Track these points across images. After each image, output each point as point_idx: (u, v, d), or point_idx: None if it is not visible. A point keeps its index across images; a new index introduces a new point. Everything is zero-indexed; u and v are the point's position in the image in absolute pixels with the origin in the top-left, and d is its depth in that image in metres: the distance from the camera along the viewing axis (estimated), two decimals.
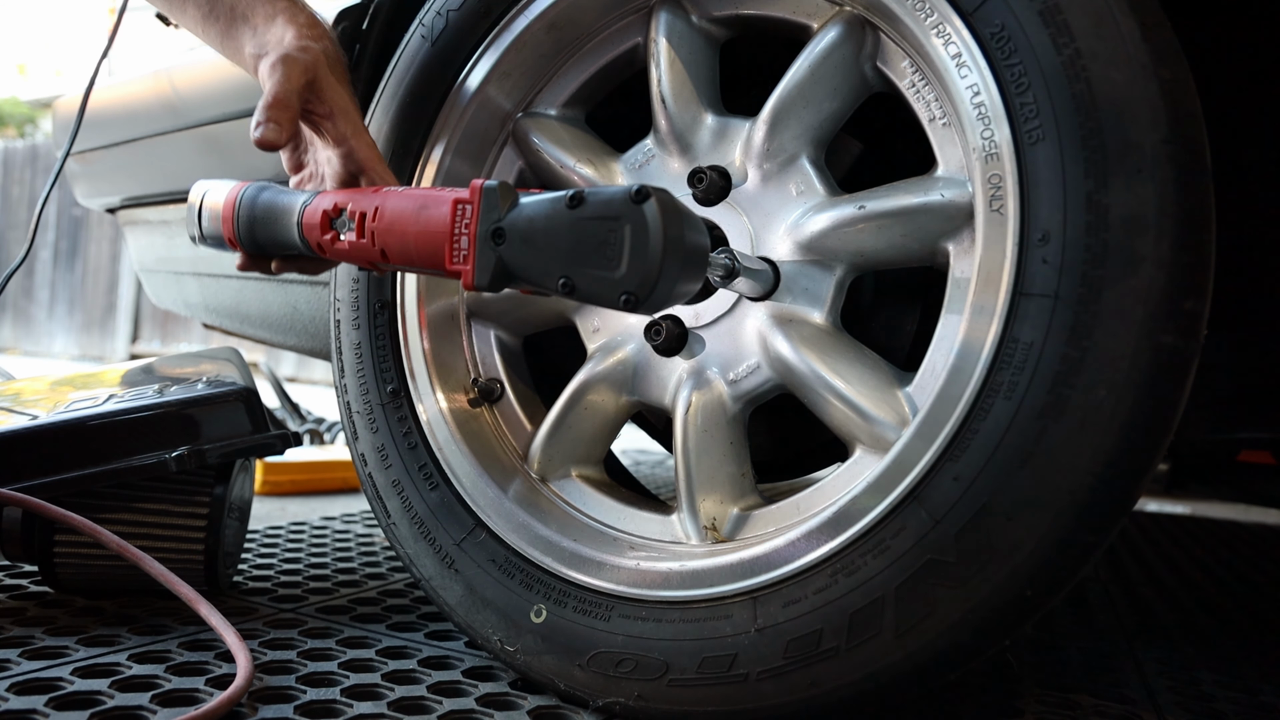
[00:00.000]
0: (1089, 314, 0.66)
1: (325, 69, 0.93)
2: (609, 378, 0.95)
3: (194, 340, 8.03)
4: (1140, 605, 1.44)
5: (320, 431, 2.65)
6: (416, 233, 0.79)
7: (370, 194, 0.86)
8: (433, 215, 0.78)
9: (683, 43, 0.94)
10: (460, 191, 0.78)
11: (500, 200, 0.75)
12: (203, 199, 0.98)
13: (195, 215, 0.98)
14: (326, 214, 0.87)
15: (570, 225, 0.70)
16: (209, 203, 0.97)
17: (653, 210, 0.67)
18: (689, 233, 0.69)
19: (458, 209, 0.76)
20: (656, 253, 0.67)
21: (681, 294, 0.70)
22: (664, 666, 0.79)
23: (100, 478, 1.00)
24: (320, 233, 0.88)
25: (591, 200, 0.70)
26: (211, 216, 0.97)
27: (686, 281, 0.70)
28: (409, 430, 1.00)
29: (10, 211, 9.54)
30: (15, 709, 0.75)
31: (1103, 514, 0.66)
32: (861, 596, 0.72)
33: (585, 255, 0.70)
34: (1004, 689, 0.98)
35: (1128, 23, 0.67)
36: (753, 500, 0.89)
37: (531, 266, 0.73)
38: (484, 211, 0.75)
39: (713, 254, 0.80)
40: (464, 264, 0.76)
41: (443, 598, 0.94)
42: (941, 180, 0.79)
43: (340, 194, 0.88)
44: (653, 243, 0.67)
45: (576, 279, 0.70)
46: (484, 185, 0.76)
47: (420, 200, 0.80)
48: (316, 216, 0.88)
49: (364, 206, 0.84)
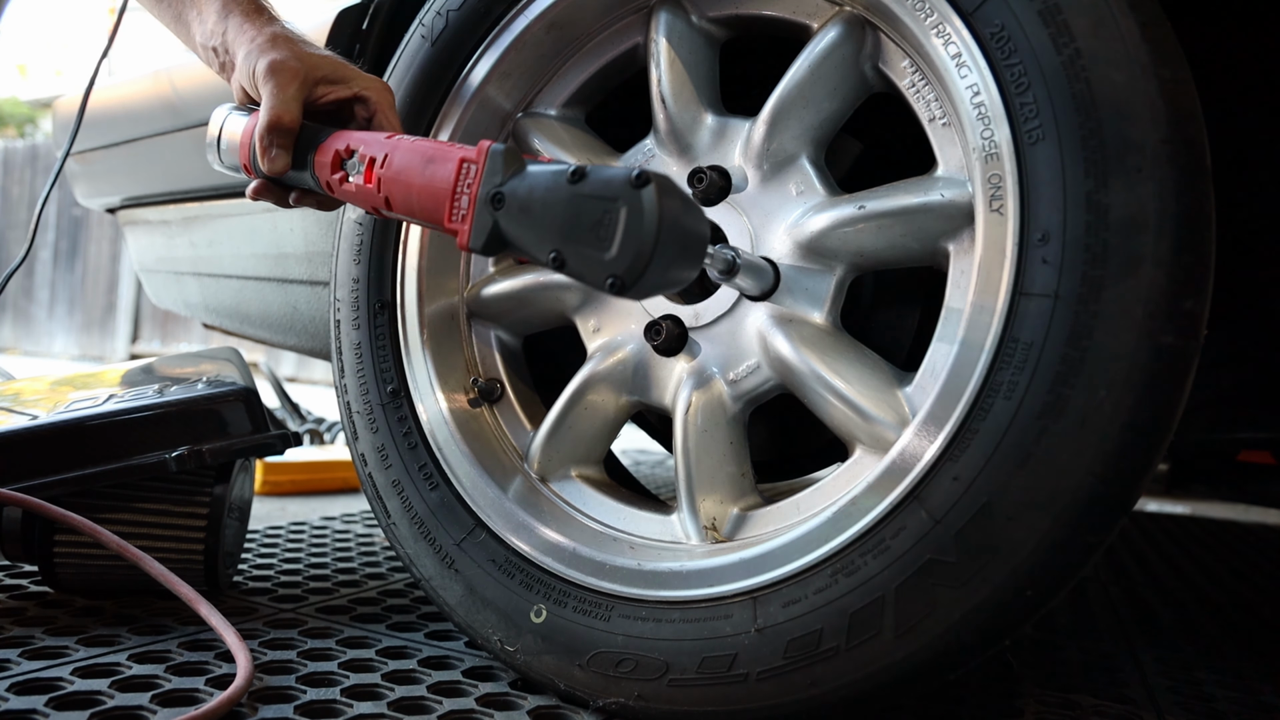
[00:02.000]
0: (1089, 314, 0.66)
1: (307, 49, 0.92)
2: (609, 378, 0.95)
3: (194, 340, 8.03)
4: (1140, 605, 1.44)
5: (320, 431, 2.65)
6: (421, 185, 0.79)
7: (383, 140, 0.85)
8: (438, 171, 0.78)
9: (683, 43, 0.94)
10: (468, 150, 0.77)
11: (505, 165, 0.75)
12: (223, 125, 0.98)
13: (215, 141, 0.99)
14: (338, 154, 0.87)
15: (568, 199, 0.70)
16: (228, 130, 0.98)
17: (650, 196, 0.66)
18: (687, 221, 0.68)
19: (463, 168, 0.77)
20: (649, 240, 0.66)
21: (673, 283, 0.70)
22: (664, 666, 0.79)
23: (100, 478, 1.00)
24: (330, 171, 0.88)
25: (593, 177, 0.69)
26: (230, 143, 0.97)
27: (679, 270, 0.69)
28: (409, 430, 1.00)
29: (10, 211, 9.54)
30: (15, 709, 0.75)
31: (1103, 514, 0.66)
32: (861, 596, 0.72)
33: (579, 232, 0.69)
34: (1004, 689, 0.98)
35: (1128, 23, 0.67)
36: (753, 500, 0.89)
37: (526, 235, 0.73)
38: (487, 174, 0.75)
39: (714, 248, 0.80)
40: (461, 224, 0.76)
41: (443, 598, 0.94)
42: (941, 180, 0.79)
43: (355, 135, 0.88)
44: (646, 229, 0.66)
45: (567, 254, 0.70)
46: (490, 148, 0.76)
47: (429, 154, 0.80)
48: (329, 155, 0.88)
49: (374, 151, 0.84)
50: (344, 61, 0.94)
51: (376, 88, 0.94)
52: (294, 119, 0.90)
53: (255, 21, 0.95)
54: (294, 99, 0.90)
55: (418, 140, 0.83)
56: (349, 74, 0.93)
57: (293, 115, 0.90)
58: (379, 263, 1.05)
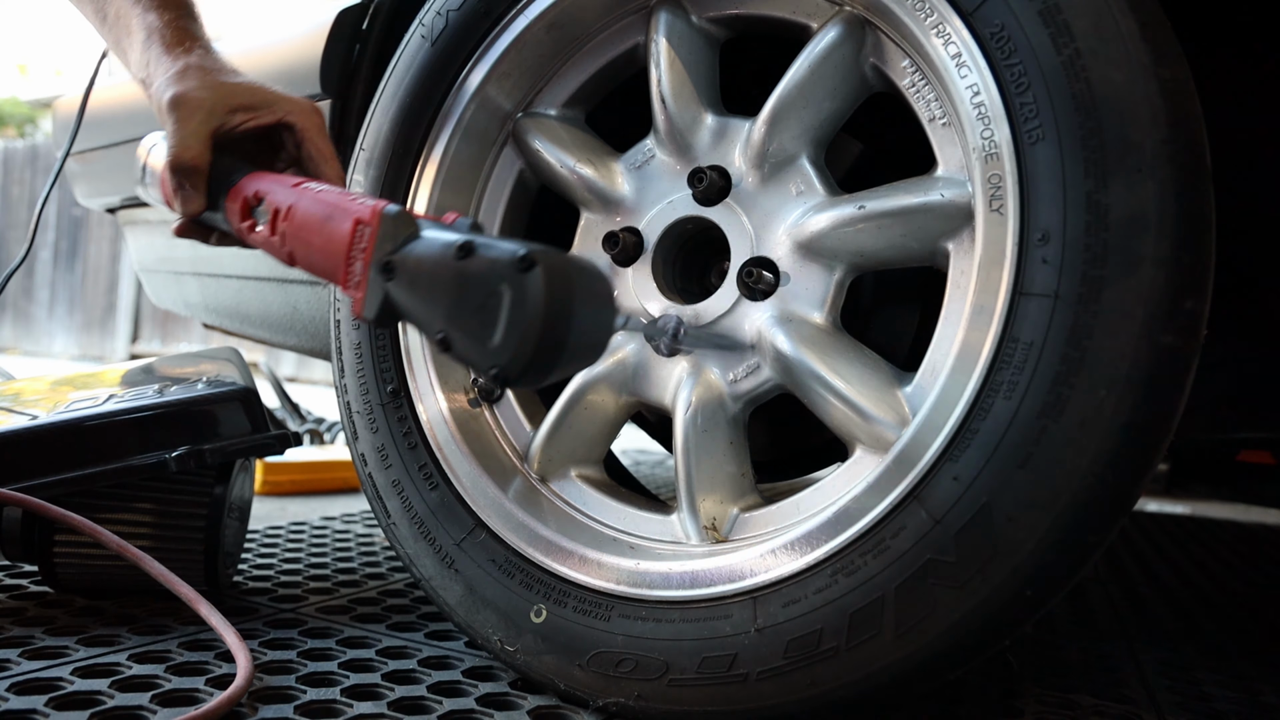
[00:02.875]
0: (1089, 314, 0.66)
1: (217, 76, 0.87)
2: (609, 377, 0.95)
3: (194, 340, 8.03)
4: (1140, 605, 1.44)
5: (320, 431, 2.65)
6: (320, 244, 0.75)
7: (289, 188, 0.81)
8: (335, 230, 0.73)
9: (683, 43, 0.94)
10: (365, 209, 0.72)
11: (397, 230, 0.69)
12: (148, 156, 0.95)
13: (141, 173, 0.96)
14: (247, 200, 0.83)
15: (454, 277, 0.64)
16: (152, 161, 0.94)
17: (536, 282, 0.59)
18: (581, 307, 0.61)
19: (357, 230, 0.71)
20: (533, 331, 0.60)
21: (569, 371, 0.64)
22: (664, 666, 0.79)
23: (100, 478, 1.00)
24: (240, 218, 0.84)
25: (479, 255, 0.63)
26: (153, 174, 0.94)
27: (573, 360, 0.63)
28: (409, 430, 1.00)
29: (10, 211, 9.53)
30: (15, 709, 0.75)
31: (1103, 514, 0.66)
32: (861, 596, 0.72)
33: (465, 313, 0.63)
34: (1004, 689, 0.98)
35: (1128, 23, 0.67)
36: (753, 500, 0.89)
37: (416, 310, 0.68)
38: (380, 238, 0.70)
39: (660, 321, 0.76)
40: (356, 290, 0.71)
41: (443, 598, 0.94)
42: (941, 180, 0.79)
43: (265, 181, 0.84)
44: (530, 318, 0.59)
45: (453, 336, 0.65)
46: (383, 211, 0.70)
47: (329, 209, 0.75)
48: (239, 200, 0.84)
49: (280, 201, 0.80)
50: (264, 87, 0.90)
51: (302, 112, 0.90)
52: (196, 156, 0.85)
53: (173, 52, 0.90)
54: (195, 134, 0.85)
55: (322, 191, 0.79)
56: (270, 99, 0.89)
57: (195, 152, 0.85)
58: None
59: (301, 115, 0.89)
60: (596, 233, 0.98)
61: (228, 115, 0.86)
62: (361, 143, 1.07)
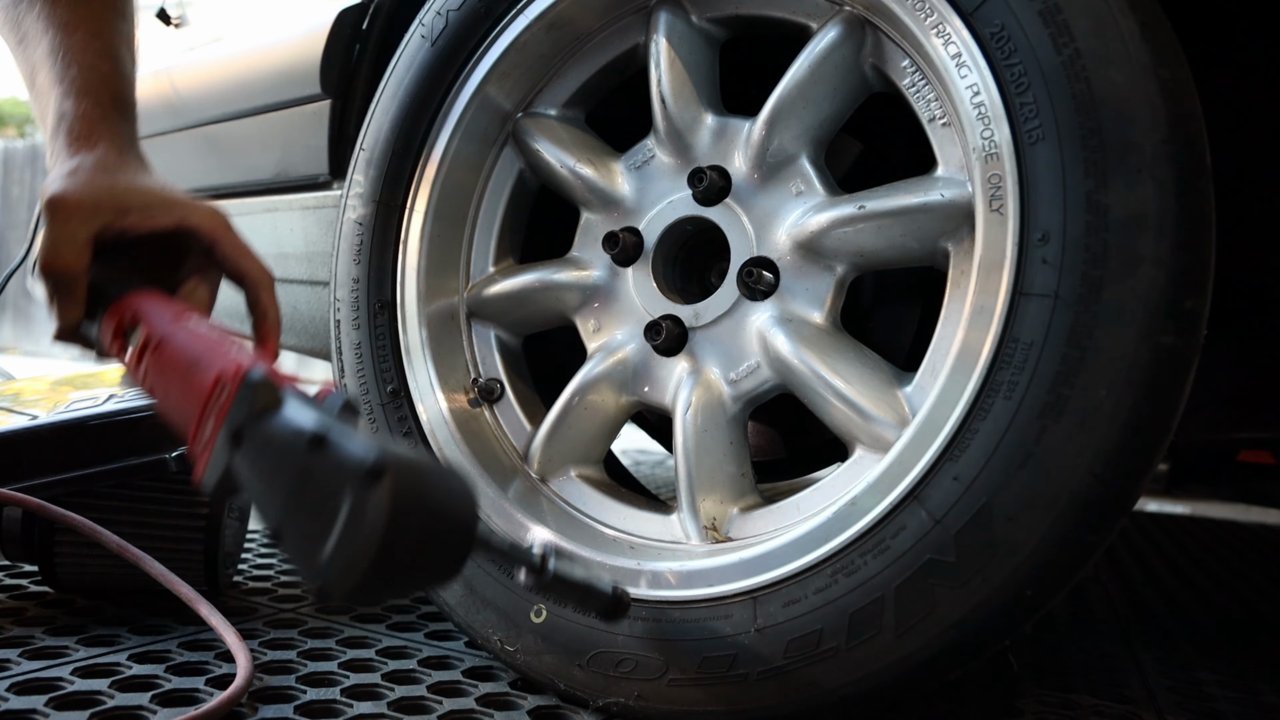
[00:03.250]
0: (1089, 314, 0.66)
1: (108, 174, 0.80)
2: (609, 377, 0.95)
3: None
4: (1140, 605, 1.44)
5: None
6: (178, 392, 0.68)
7: (166, 320, 0.73)
8: (196, 381, 0.66)
9: (682, 43, 0.94)
10: (228, 365, 0.64)
11: (256, 398, 0.61)
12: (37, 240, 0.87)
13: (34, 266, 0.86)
14: (121, 322, 0.75)
15: (300, 470, 0.57)
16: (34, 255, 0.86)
17: (379, 501, 0.52)
18: (429, 532, 0.54)
19: (217, 387, 0.64)
20: (363, 556, 0.52)
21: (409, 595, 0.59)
22: (664, 666, 0.79)
23: (100, 478, 1.00)
24: (112, 337, 0.76)
25: (330, 453, 0.56)
26: None
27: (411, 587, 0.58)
28: (409, 430, 1.00)
29: (10, 211, 9.54)
30: (15, 709, 0.75)
31: (1103, 514, 0.66)
32: (861, 596, 0.72)
33: (303, 511, 0.57)
34: (1004, 689, 0.98)
35: (1127, 23, 0.67)
36: (753, 500, 0.89)
37: (256, 490, 0.61)
38: (235, 404, 0.62)
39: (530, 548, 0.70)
40: (201, 451, 0.64)
41: (443, 598, 0.94)
42: (941, 180, 0.79)
43: (148, 302, 0.76)
44: (363, 540, 0.52)
45: (285, 533, 0.58)
46: (246, 374, 0.62)
47: (195, 356, 0.68)
48: (115, 319, 0.76)
49: (152, 331, 0.73)
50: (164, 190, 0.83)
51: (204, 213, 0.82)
52: (68, 264, 0.77)
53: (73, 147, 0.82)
54: (69, 239, 0.77)
55: (197, 332, 0.71)
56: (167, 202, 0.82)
57: (66, 260, 0.77)
58: (379, 263, 1.05)
59: (204, 217, 0.82)
60: (596, 233, 0.98)
61: (115, 217, 0.79)
62: (361, 143, 1.07)
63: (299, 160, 1.33)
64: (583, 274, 0.99)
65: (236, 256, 0.85)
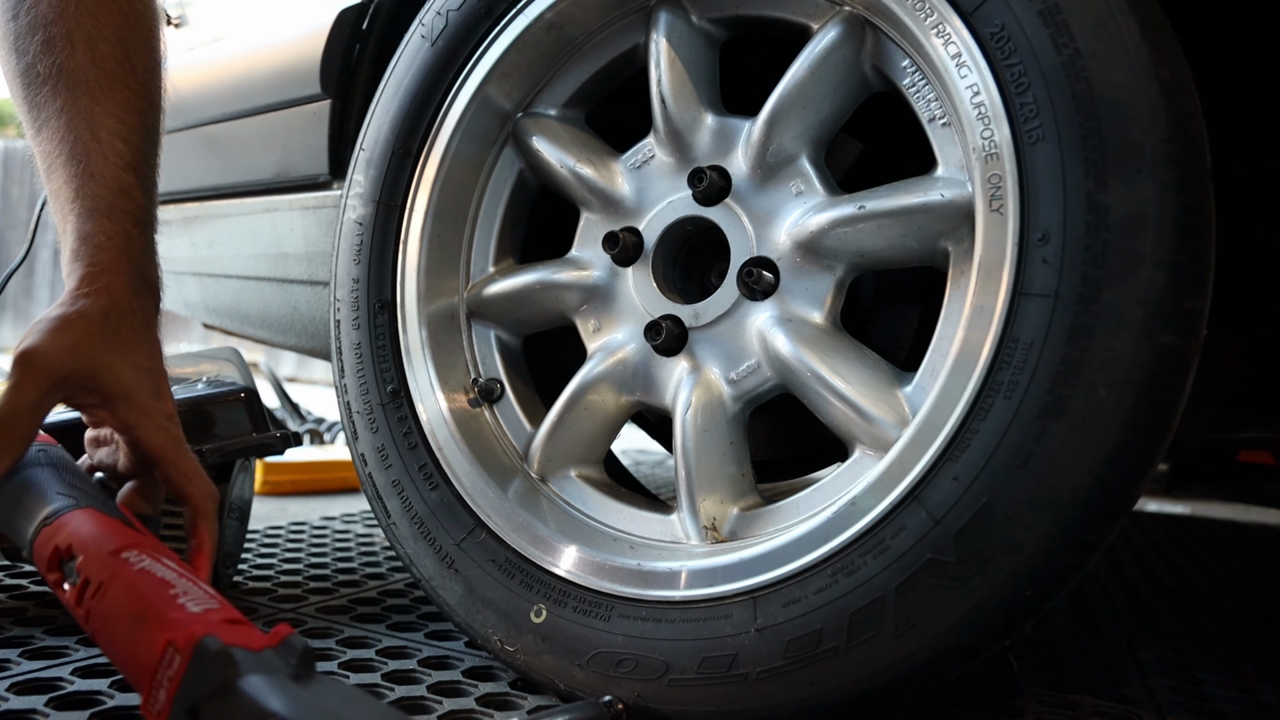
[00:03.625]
0: (1089, 314, 0.66)
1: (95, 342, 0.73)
2: (609, 377, 0.95)
3: (194, 340, 8.02)
4: (1140, 605, 1.44)
5: (320, 431, 2.65)
6: (123, 649, 0.63)
7: (106, 557, 0.66)
8: (142, 640, 0.61)
9: (683, 43, 0.94)
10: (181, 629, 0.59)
11: (209, 672, 0.56)
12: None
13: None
14: (58, 550, 0.69)
15: None
16: None
17: None
18: None
19: (166, 654, 0.59)
20: None
21: None
22: (664, 666, 0.79)
23: None
24: (47, 567, 0.70)
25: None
26: None
27: None
28: (409, 430, 1.00)
29: (10, 211, 9.53)
30: (15, 709, 0.75)
31: (1103, 514, 0.66)
32: (861, 596, 0.72)
33: None
34: (1004, 689, 0.98)
35: (1128, 23, 0.67)
36: (753, 500, 0.89)
37: None
38: (189, 675, 0.57)
39: None
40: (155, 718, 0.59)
41: (443, 598, 0.94)
42: (941, 180, 0.79)
43: (85, 530, 0.69)
44: None
45: None
46: (199, 644, 0.57)
47: (141, 610, 0.62)
48: (48, 546, 0.69)
49: (91, 571, 0.66)
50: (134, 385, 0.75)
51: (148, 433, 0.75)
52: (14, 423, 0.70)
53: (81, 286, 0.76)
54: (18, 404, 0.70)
55: (141, 576, 0.65)
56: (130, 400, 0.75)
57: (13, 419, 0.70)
58: (379, 262, 1.05)
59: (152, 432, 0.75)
60: (596, 233, 0.98)
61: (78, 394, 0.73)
62: (361, 143, 1.07)
63: (299, 160, 1.33)
64: (583, 274, 0.99)
65: (180, 480, 0.77)
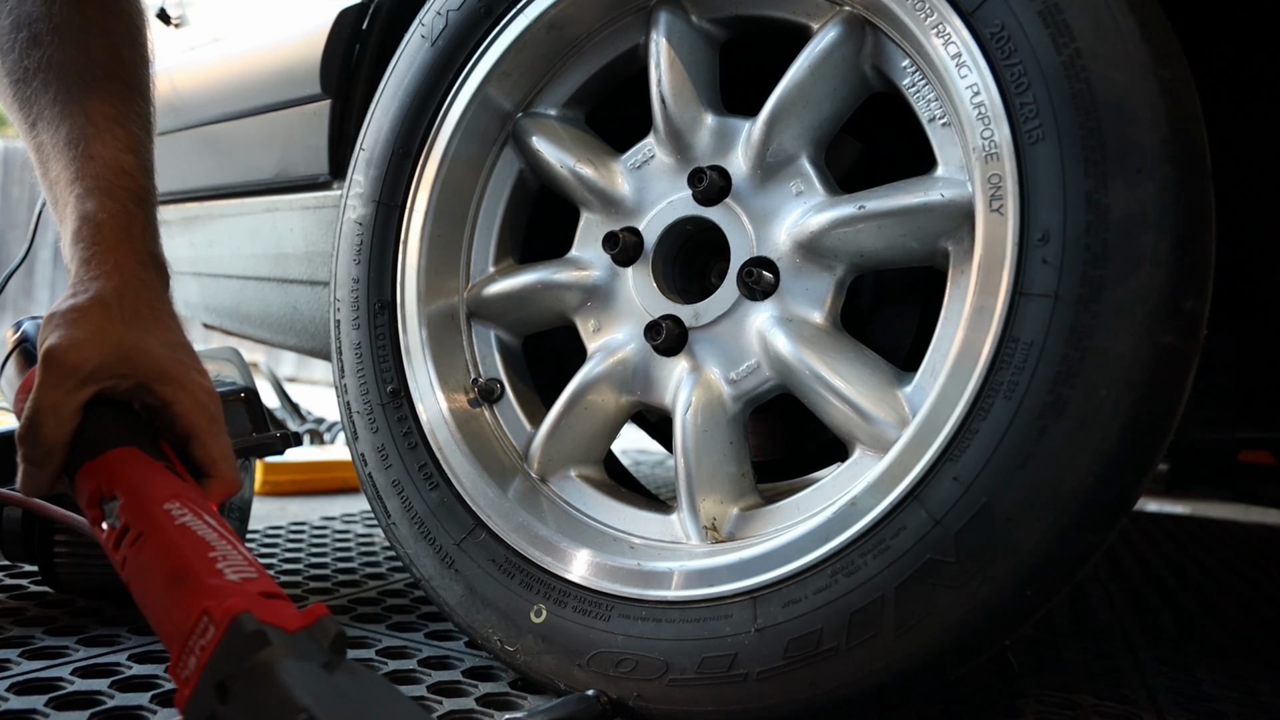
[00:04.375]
0: (1089, 314, 0.66)
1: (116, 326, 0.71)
2: (609, 377, 0.95)
3: (194, 340, 8.01)
4: (1140, 605, 1.44)
5: (320, 431, 2.65)
6: (157, 605, 0.62)
7: (151, 507, 0.65)
8: (177, 603, 0.59)
9: (683, 43, 0.94)
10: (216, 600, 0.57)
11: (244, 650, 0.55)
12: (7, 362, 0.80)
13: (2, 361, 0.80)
14: (100, 490, 0.67)
15: None
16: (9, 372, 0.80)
17: None
18: None
19: (200, 621, 0.57)
20: None
21: None
22: (664, 666, 0.79)
23: None
24: (88, 501, 0.69)
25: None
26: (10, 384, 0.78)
27: None
28: (409, 430, 1.00)
29: (10, 211, 9.53)
30: (15, 709, 0.75)
31: (1103, 514, 0.66)
32: (861, 596, 0.72)
33: None
34: (1004, 689, 0.98)
35: (1128, 23, 0.67)
36: (753, 500, 0.89)
37: None
38: (222, 647, 0.56)
39: None
40: (184, 686, 0.58)
41: (443, 598, 0.94)
42: (941, 180, 0.79)
43: (132, 472, 0.67)
44: None
45: None
46: (235, 620, 0.55)
47: (179, 571, 0.61)
48: (92, 481, 0.68)
49: (132, 518, 0.65)
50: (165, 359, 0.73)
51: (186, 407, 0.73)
52: (48, 436, 0.68)
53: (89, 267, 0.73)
54: (53, 412, 0.68)
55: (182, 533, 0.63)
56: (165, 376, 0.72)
57: (46, 432, 0.68)
58: (379, 262, 1.05)
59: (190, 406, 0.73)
60: (596, 233, 0.98)
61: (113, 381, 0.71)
62: (361, 143, 1.07)
63: (299, 160, 1.33)
64: (583, 274, 0.99)
65: (206, 462, 0.74)
